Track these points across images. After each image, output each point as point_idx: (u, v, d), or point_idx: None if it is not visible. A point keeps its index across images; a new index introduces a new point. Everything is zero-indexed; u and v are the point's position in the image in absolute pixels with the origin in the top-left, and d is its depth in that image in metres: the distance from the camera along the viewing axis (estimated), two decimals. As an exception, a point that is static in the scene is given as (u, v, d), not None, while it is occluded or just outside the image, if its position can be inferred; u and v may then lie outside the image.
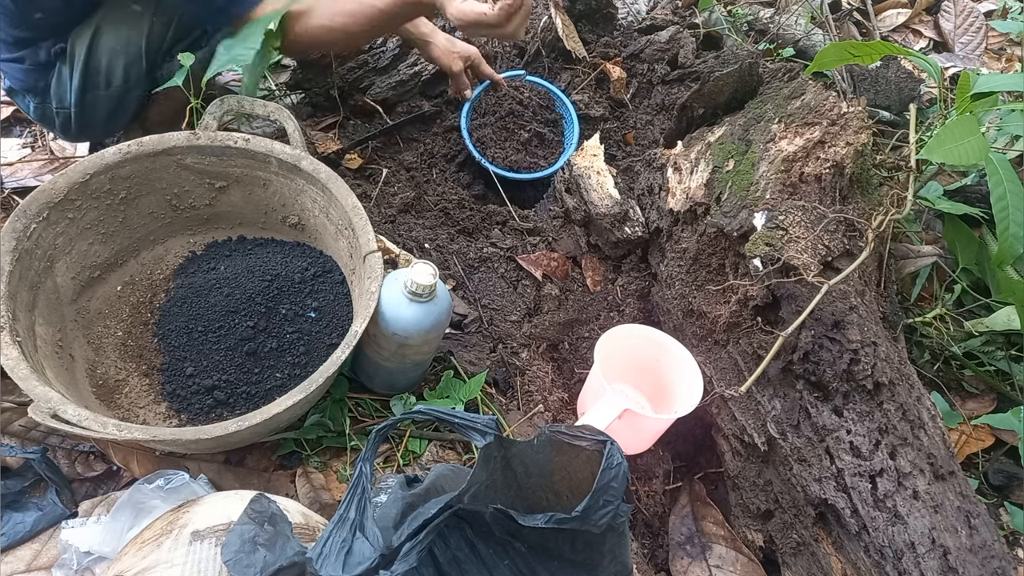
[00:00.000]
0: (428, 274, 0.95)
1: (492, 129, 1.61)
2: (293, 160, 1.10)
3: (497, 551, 0.72)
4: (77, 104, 1.25)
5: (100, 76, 1.23)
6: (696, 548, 1.14)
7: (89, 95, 1.25)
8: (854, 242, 1.07)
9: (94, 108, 1.27)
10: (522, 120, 1.63)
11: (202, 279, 1.13)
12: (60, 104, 1.27)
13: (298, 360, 1.06)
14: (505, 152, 1.60)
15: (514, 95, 1.65)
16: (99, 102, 1.26)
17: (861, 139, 1.12)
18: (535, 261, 1.42)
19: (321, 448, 1.08)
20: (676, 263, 1.29)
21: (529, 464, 0.74)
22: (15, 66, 1.24)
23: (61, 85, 1.25)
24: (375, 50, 1.74)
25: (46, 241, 1.00)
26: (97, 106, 1.27)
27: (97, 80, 1.23)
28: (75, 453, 1.04)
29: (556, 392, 1.26)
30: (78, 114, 1.27)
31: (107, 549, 0.90)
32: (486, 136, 1.60)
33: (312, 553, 0.66)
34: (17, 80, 1.27)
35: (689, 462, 1.28)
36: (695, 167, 1.30)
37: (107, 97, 1.26)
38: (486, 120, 1.62)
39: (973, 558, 0.88)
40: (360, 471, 0.69)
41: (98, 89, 1.25)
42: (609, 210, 1.39)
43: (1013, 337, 1.29)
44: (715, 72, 1.40)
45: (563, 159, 1.61)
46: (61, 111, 1.27)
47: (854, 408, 1.00)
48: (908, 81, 1.74)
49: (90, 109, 1.27)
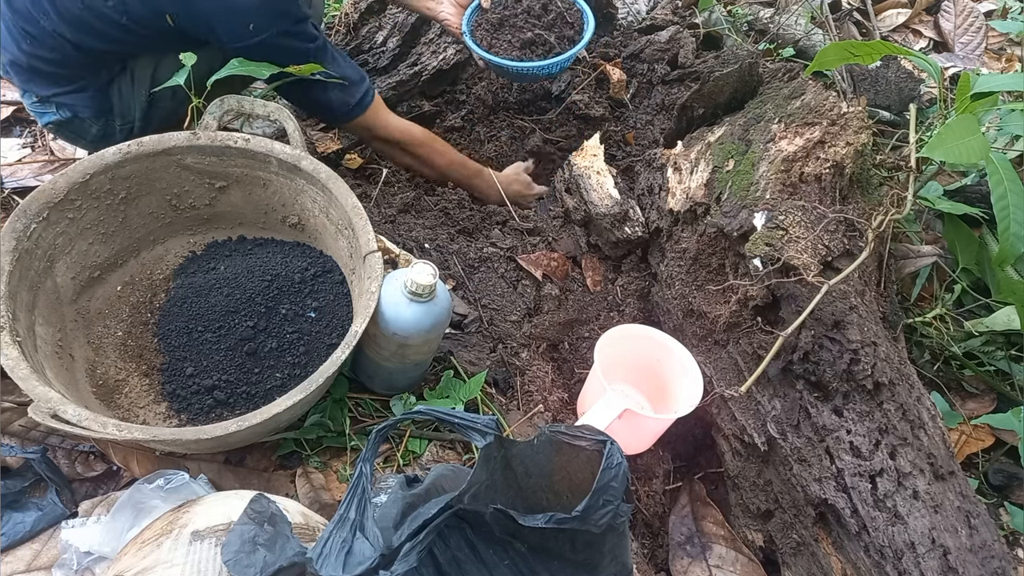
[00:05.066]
0: (428, 274, 0.95)
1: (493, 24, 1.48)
2: (293, 160, 1.10)
3: (497, 551, 0.72)
4: (142, 119, 1.28)
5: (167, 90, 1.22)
6: (696, 548, 1.14)
7: (157, 108, 1.28)
8: (854, 242, 1.07)
9: (160, 118, 1.30)
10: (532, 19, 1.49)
11: (202, 279, 1.13)
12: (124, 121, 1.28)
13: (298, 360, 1.06)
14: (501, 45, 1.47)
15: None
16: (165, 112, 1.29)
17: (861, 139, 1.12)
18: (535, 261, 1.42)
19: (321, 448, 1.08)
20: (676, 263, 1.29)
21: (529, 464, 0.74)
22: (79, 95, 1.24)
23: (123, 102, 1.26)
24: (375, 50, 1.74)
25: (46, 241, 1.00)
26: (162, 117, 1.30)
27: (164, 93, 1.24)
28: (75, 453, 1.04)
29: (556, 392, 1.26)
30: (141, 128, 1.28)
31: (107, 549, 0.90)
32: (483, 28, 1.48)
33: (312, 553, 0.66)
34: (85, 108, 1.25)
35: (689, 462, 1.28)
36: (695, 167, 1.30)
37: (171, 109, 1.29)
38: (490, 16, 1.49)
39: (973, 558, 0.88)
40: (360, 471, 0.69)
41: (165, 101, 1.27)
42: (609, 210, 1.39)
43: (1013, 337, 1.29)
44: (715, 72, 1.41)
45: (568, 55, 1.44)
46: (124, 127, 1.29)
47: (854, 408, 1.00)
48: (908, 81, 1.74)
49: (154, 120, 1.29)
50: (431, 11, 1.51)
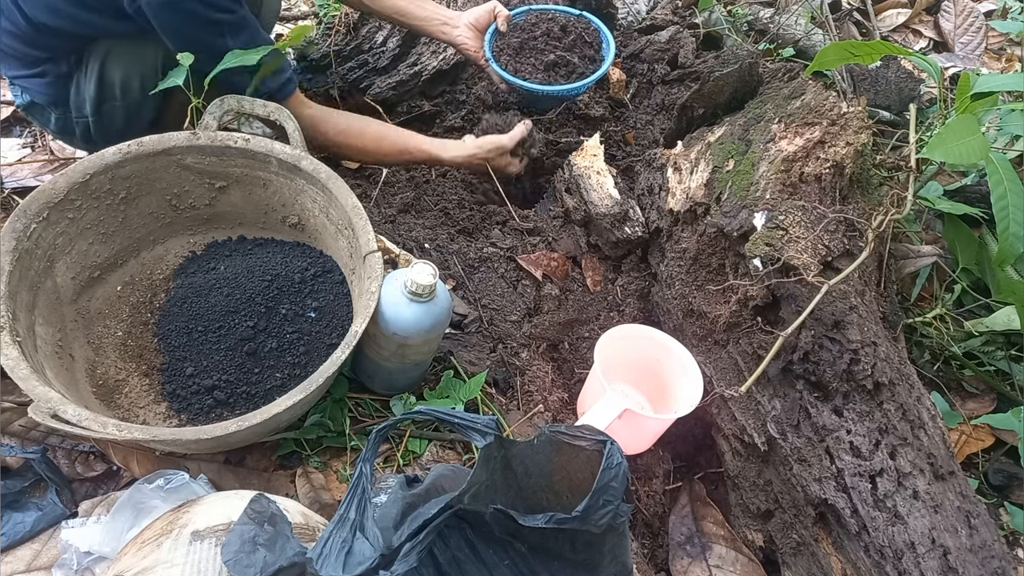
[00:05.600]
0: (428, 274, 0.95)
1: (515, 48, 1.49)
2: (293, 160, 1.10)
3: (497, 551, 0.72)
4: (94, 114, 1.27)
5: (115, 88, 1.23)
6: (696, 548, 1.14)
7: (105, 106, 1.26)
8: (854, 242, 1.07)
9: (111, 118, 1.28)
10: (553, 41, 1.50)
11: (202, 279, 1.13)
12: (79, 114, 1.27)
13: (298, 360, 1.06)
14: (525, 68, 1.49)
15: (556, 19, 1.53)
16: (115, 112, 1.27)
17: (861, 139, 1.12)
18: (535, 261, 1.42)
19: (321, 448, 1.08)
20: (676, 263, 1.29)
21: (529, 464, 0.74)
22: (37, 80, 1.24)
23: (79, 95, 1.25)
24: (375, 50, 1.74)
25: (46, 241, 1.00)
26: (114, 116, 1.28)
27: (113, 91, 1.24)
28: (75, 453, 1.04)
29: (556, 392, 1.26)
30: (96, 123, 1.28)
31: (107, 549, 0.90)
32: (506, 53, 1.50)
33: (312, 553, 0.66)
34: (40, 94, 1.27)
35: (689, 462, 1.28)
36: (695, 167, 1.30)
37: (124, 107, 1.27)
38: (510, 40, 1.51)
39: (973, 558, 0.88)
40: (360, 471, 0.70)
41: (114, 100, 1.25)
42: (609, 210, 1.39)
43: (1013, 337, 1.29)
44: (715, 72, 1.41)
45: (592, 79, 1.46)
46: (80, 120, 1.28)
47: (854, 408, 1.00)
48: (908, 81, 1.74)
49: (107, 119, 1.28)
50: (446, 35, 1.51)
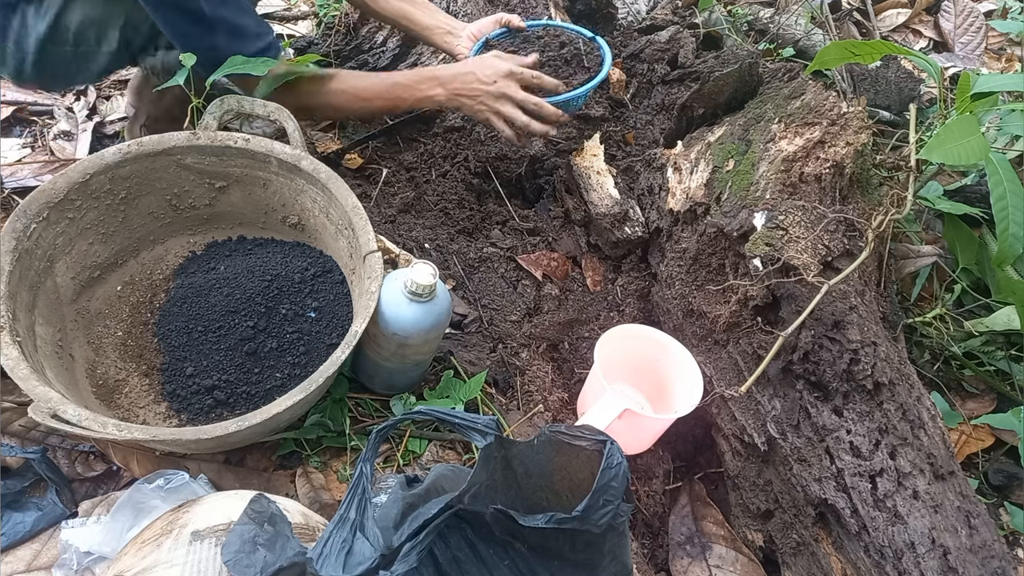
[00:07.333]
0: (428, 274, 0.95)
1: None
2: (293, 160, 1.10)
3: (497, 551, 0.72)
4: (36, 52, 1.20)
5: (68, 34, 1.18)
6: (696, 548, 1.14)
7: (54, 49, 1.20)
8: (854, 242, 1.07)
9: (56, 61, 1.22)
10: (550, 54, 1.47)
11: (202, 279, 1.13)
12: (17, 47, 1.20)
13: (298, 360, 1.06)
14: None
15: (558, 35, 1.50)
16: (63, 57, 1.21)
17: (861, 139, 1.12)
18: (535, 261, 1.42)
19: (321, 448, 1.08)
20: (676, 263, 1.29)
21: (529, 464, 0.74)
22: None
23: (24, 28, 1.18)
24: (375, 50, 1.74)
25: (46, 241, 1.00)
26: (60, 61, 1.22)
27: (65, 37, 1.18)
28: (75, 453, 1.04)
29: (556, 392, 1.26)
30: (36, 63, 1.21)
31: (107, 549, 0.90)
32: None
33: (312, 553, 0.66)
34: None
35: (689, 462, 1.28)
36: (695, 167, 1.30)
37: (73, 54, 1.21)
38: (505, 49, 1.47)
39: (973, 558, 0.88)
40: (360, 471, 0.69)
41: (65, 45, 1.20)
42: (609, 210, 1.39)
43: (1013, 337, 1.29)
44: (715, 72, 1.41)
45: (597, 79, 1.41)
46: (17, 54, 1.21)
47: (854, 408, 1.00)
48: (908, 81, 1.74)
49: (51, 61, 1.21)
50: (448, 44, 1.50)
